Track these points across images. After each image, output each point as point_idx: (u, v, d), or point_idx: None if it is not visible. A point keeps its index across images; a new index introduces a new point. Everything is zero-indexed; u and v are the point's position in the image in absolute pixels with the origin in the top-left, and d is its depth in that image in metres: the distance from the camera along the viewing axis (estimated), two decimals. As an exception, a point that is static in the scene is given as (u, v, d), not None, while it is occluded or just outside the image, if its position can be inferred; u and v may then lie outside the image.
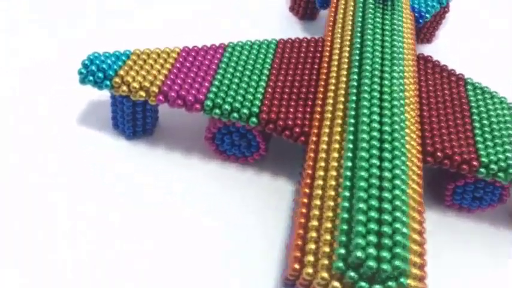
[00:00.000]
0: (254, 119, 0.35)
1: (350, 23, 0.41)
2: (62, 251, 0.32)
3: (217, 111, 0.35)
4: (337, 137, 0.32)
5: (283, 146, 0.42)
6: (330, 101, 0.35)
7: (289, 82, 0.38)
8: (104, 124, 0.40)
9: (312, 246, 0.27)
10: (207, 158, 0.39)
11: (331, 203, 0.28)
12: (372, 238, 0.25)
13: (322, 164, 0.31)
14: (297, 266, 0.27)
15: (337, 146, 0.32)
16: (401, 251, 0.25)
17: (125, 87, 0.35)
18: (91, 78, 0.35)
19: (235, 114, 0.35)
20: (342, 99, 0.35)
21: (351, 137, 0.31)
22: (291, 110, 0.36)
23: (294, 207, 0.33)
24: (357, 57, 0.37)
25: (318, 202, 0.29)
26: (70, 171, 0.36)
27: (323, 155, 0.32)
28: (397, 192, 0.27)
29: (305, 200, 0.30)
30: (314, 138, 0.34)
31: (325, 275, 0.25)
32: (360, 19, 0.41)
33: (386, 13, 0.41)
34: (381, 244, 0.25)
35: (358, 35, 0.39)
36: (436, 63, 0.43)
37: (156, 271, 0.32)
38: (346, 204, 0.28)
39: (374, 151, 0.29)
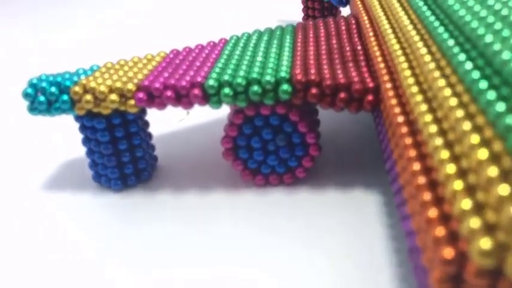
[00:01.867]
0: (286, 86, 0.22)
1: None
2: None
3: (227, 90, 0.23)
4: (431, 66, 0.19)
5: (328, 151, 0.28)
6: (397, 47, 0.23)
7: (324, 50, 0.26)
8: (82, 182, 0.28)
9: (457, 185, 0.13)
10: (238, 191, 0.26)
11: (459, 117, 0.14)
12: None
13: (423, 107, 0.18)
14: (446, 256, 0.12)
15: (436, 73, 0.18)
16: None
17: (89, 96, 0.24)
18: (42, 98, 0.24)
19: (255, 88, 0.22)
20: (414, 35, 0.22)
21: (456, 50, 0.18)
22: (338, 71, 0.24)
23: (398, 203, 0.19)
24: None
25: (437, 142, 0.15)
26: (50, 246, 0.23)
27: (417, 97, 0.18)
28: None
29: (412, 154, 0.16)
30: (389, 87, 0.21)
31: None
32: None
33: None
34: None
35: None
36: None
37: None
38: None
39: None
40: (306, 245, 0.22)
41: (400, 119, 0.18)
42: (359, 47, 0.27)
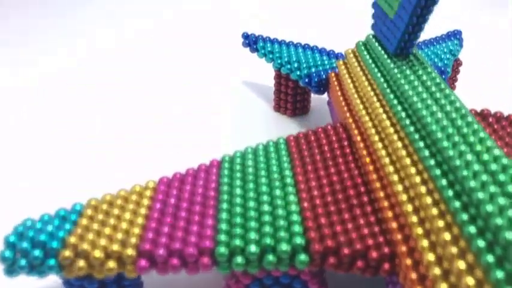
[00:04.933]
0: (303, 257, 0.21)
1: (372, 93, 0.31)
2: None
3: (239, 260, 0.21)
4: (450, 244, 0.19)
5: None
6: (404, 197, 0.23)
7: (326, 187, 0.25)
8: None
9: None
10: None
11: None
12: None
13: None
14: None
15: (460, 262, 0.18)
16: None
17: (82, 262, 0.21)
18: (23, 262, 0.21)
19: (270, 257, 0.21)
20: (422, 188, 0.22)
21: (473, 230, 0.18)
22: (350, 225, 0.23)
23: None
24: (411, 126, 0.25)
25: None
26: None
27: (441, 283, 0.18)
28: None
29: None
30: (409, 262, 0.20)
31: None
32: (385, 83, 0.30)
33: (415, 67, 0.30)
34: None
35: (395, 101, 0.28)
36: (499, 115, 0.32)
37: None
38: None
39: None
40: None
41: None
42: (362, 188, 0.26)
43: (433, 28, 0.40)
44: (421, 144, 0.24)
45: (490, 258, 0.17)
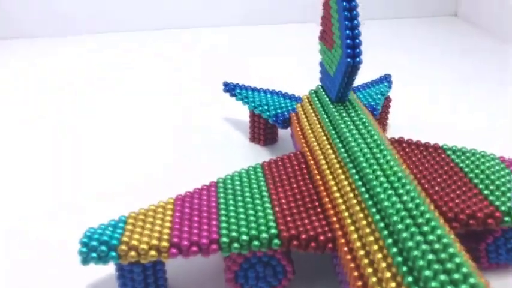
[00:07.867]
0: (277, 241, 0.33)
1: (320, 130, 0.43)
2: None
3: (236, 245, 0.33)
4: (367, 230, 0.31)
5: (303, 265, 0.40)
6: (340, 201, 0.35)
7: (290, 197, 0.38)
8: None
9: None
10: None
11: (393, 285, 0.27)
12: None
13: (365, 261, 0.30)
14: None
15: (371, 238, 0.30)
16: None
17: (133, 253, 0.32)
18: (94, 254, 0.32)
19: (255, 242, 0.33)
20: (351, 195, 0.34)
21: (382, 224, 0.31)
22: (306, 221, 0.35)
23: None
24: (346, 155, 0.38)
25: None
26: None
27: (361, 252, 0.30)
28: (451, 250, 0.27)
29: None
30: (343, 241, 0.33)
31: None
32: (329, 123, 0.43)
33: (350, 112, 0.43)
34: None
35: (335, 136, 0.41)
36: (410, 141, 0.45)
37: None
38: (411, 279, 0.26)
39: (412, 229, 0.29)
40: None
41: (352, 265, 0.30)
42: (314, 197, 0.38)
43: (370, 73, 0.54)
44: (353, 171, 0.37)
45: None
